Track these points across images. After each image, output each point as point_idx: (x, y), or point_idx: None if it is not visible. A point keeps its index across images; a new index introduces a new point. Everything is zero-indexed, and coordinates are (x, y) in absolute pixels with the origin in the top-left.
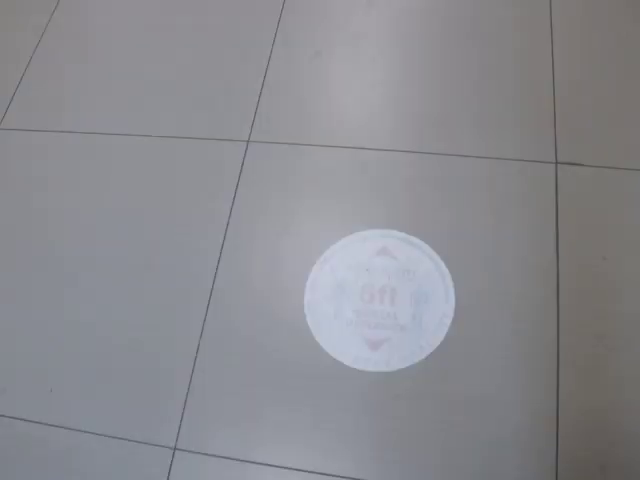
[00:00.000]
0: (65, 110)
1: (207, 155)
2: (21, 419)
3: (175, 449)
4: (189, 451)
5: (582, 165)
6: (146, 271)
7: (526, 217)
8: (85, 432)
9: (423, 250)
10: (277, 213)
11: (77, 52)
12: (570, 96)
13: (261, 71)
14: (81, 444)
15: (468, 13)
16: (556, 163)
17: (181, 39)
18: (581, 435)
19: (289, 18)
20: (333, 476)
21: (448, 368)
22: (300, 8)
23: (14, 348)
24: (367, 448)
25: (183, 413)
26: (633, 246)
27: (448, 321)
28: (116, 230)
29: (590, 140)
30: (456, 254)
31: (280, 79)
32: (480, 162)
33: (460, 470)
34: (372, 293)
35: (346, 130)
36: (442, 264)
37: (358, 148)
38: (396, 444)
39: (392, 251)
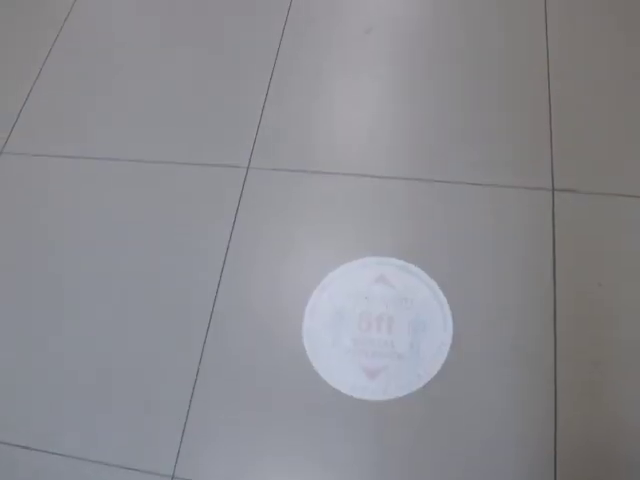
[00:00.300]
0: (67, 135)
1: (207, 181)
2: (19, 446)
3: (173, 477)
4: None
5: (579, 192)
6: (145, 295)
7: (523, 244)
8: (82, 459)
9: (421, 278)
10: (276, 239)
11: (80, 77)
12: (566, 123)
13: (261, 98)
14: (77, 471)
15: (465, 41)
16: (553, 190)
17: (183, 64)
18: (579, 462)
19: (289, 45)
20: None
21: (446, 397)
22: (300, 36)
23: (11, 371)
24: (365, 477)
25: (182, 440)
26: (629, 272)
27: (446, 350)
28: (116, 255)
29: (587, 167)
30: (454, 282)
31: (280, 106)
32: (477, 189)
33: None
34: (370, 321)
35: (345, 157)
36: (440, 292)
37: (357, 175)
38: (394, 473)
39: (390, 279)
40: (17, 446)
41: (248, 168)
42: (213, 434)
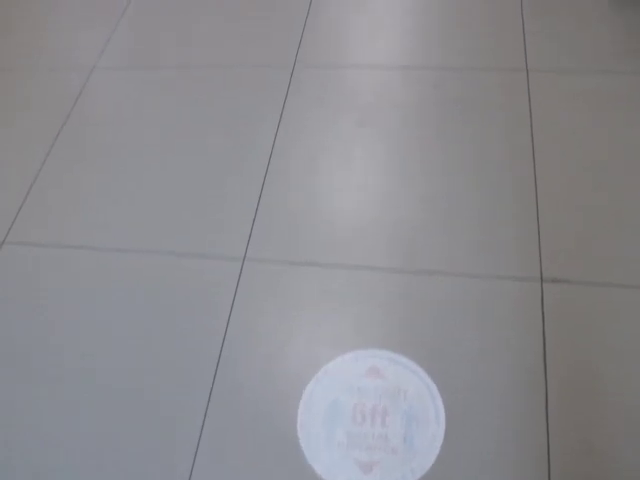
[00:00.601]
0: (69, 226)
1: (203, 272)
2: None
3: None
4: None
5: (567, 282)
6: (141, 386)
7: (513, 335)
8: None
9: (413, 370)
10: (271, 332)
11: (83, 168)
12: (553, 213)
13: (257, 190)
14: None
15: (455, 134)
16: (541, 280)
17: (183, 156)
18: None
19: (284, 136)
20: None
21: None
22: (293, 128)
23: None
24: None
25: None
26: (620, 362)
27: (439, 443)
28: (115, 344)
29: (574, 257)
30: (446, 374)
31: (276, 198)
32: (466, 280)
33: None
34: (364, 414)
35: (338, 249)
36: (432, 384)
37: (350, 267)
38: None
39: (383, 371)
40: None
41: (244, 260)
42: None
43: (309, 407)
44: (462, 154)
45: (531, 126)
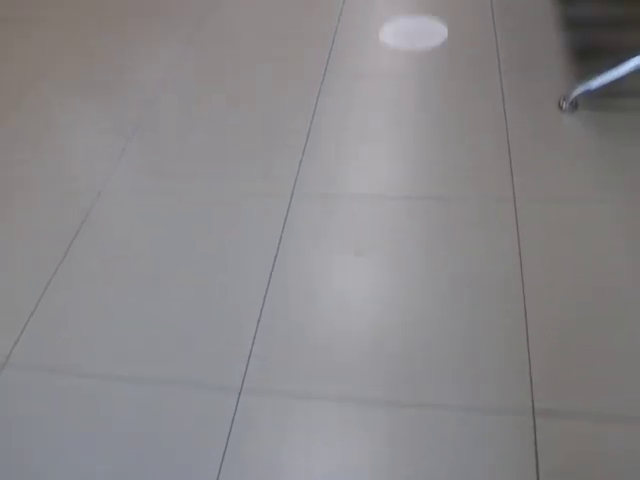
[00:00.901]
0: (66, 348)
1: (199, 404)
2: None
3: None
4: None
5: (560, 414)
6: None
7: (507, 472)
8: None
9: None
10: (266, 466)
11: (87, 289)
12: (544, 342)
13: (254, 322)
14: None
15: (447, 262)
16: (533, 414)
17: (180, 284)
18: None
19: (281, 265)
20: None
21: None
22: (291, 257)
23: None
24: None
25: None
26: None
27: None
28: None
29: (568, 388)
30: None
31: (273, 329)
32: (454, 414)
33: None
34: None
35: (328, 381)
36: None
37: (342, 400)
38: None
39: None
40: None
41: (240, 392)
42: None
43: None
44: (453, 282)
45: (520, 254)
